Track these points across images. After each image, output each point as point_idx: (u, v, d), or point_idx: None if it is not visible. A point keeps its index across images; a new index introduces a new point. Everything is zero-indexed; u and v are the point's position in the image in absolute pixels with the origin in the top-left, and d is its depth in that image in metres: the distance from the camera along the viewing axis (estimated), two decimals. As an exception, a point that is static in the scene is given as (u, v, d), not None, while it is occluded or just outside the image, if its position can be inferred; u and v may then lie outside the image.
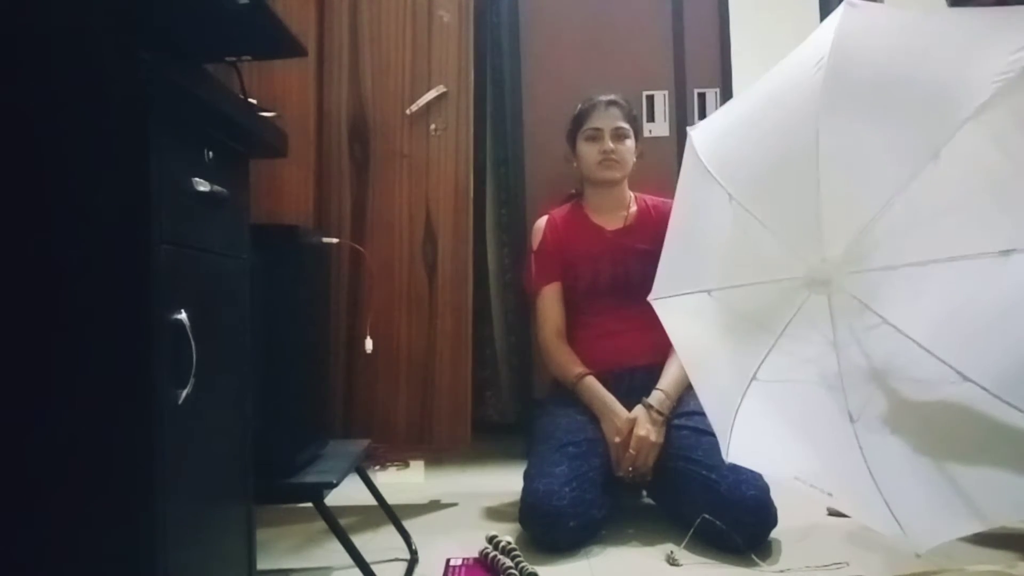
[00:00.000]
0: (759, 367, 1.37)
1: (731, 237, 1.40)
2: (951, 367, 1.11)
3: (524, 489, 1.76)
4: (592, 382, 1.92)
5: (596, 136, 2.04)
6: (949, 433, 1.20)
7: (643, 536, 1.77)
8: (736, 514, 1.61)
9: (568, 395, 1.96)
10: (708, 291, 1.44)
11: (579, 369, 1.95)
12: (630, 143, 2.06)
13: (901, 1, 1.46)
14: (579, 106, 2.11)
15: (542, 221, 2.14)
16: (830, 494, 1.40)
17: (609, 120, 2.04)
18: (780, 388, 1.38)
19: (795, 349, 1.31)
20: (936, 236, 1.13)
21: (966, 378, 1.10)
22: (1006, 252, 1.06)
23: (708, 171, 1.43)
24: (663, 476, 1.82)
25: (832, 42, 1.25)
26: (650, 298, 1.63)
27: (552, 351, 2.03)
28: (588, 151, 2.05)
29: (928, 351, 1.13)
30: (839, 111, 1.22)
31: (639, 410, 1.84)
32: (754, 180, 1.36)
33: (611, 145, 2.02)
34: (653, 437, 1.80)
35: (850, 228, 1.19)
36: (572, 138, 2.11)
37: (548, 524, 1.67)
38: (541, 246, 2.10)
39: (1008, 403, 1.09)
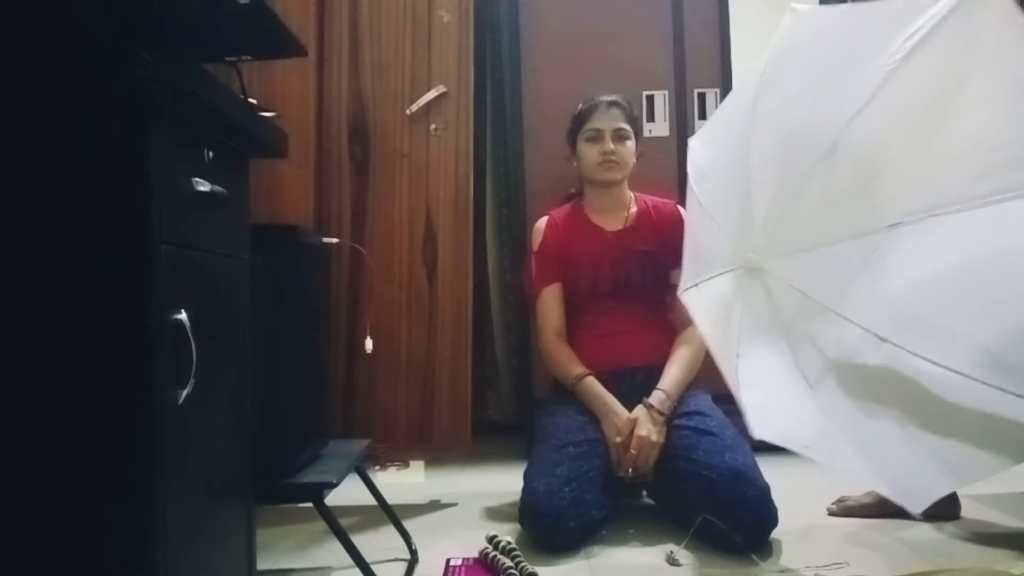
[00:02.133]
0: (739, 344, 1.46)
1: (704, 236, 1.56)
2: (867, 330, 1.26)
3: (524, 489, 1.76)
4: (592, 382, 1.92)
5: (597, 137, 2.03)
6: (894, 395, 1.32)
7: (643, 536, 1.77)
8: (736, 514, 1.61)
9: (568, 395, 1.96)
10: (696, 284, 1.54)
11: (579, 369, 1.95)
12: (631, 144, 2.05)
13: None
14: (579, 106, 2.10)
15: (542, 222, 2.13)
16: (834, 458, 1.43)
17: (610, 121, 2.03)
18: (757, 363, 1.46)
19: (755, 329, 1.44)
20: (838, 218, 1.31)
21: (883, 339, 1.25)
22: (893, 225, 1.24)
23: (690, 180, 1.58)
24: (663, 476, 1.82)
25: (768, 58, 1.44)
26: (679, 293, 1.66)
27: (552, 352, 2.03)
28: (588, 152, 2.04)
29: (846, 318, 1.29)
30: (768, 117, 1.40)
31: (640, 410, 1.84)
32: (712, 182, 1.53)
33: (612, 146, 2.01)
34: (654, 437, 1.80)
35: (771, 219, 1.36)
36: (572, 138, 2.10)
37: (548, 524, 1.67)
38: (541, 247, 2.10)
39: (924, 358, 1.23)
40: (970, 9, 1.21)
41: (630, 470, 1.81)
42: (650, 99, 2.68)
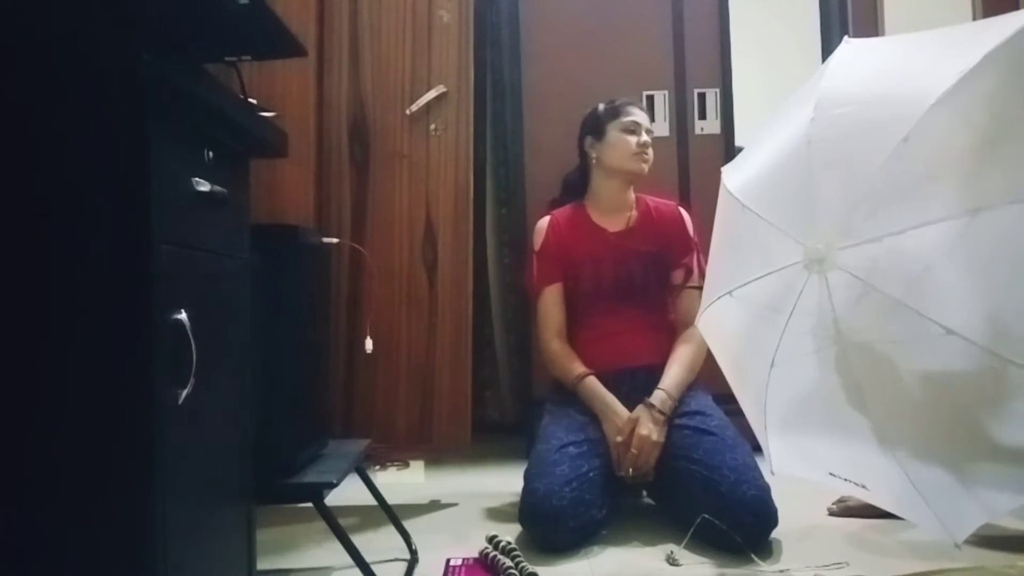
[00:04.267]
0: (775, 352, 1.42)
1: (744, 240, 1.51)
2: (934, 321, 1.20)
3: (524, 489, 1.76)
4: (593, 382, 1.92)
5: (635, 129, 2.04)
6: (954, 405, 1.26)
7: (643, 536, 1.77)
8: (736, 514, 1.61)
9: (569, 395, 1.96)
10: (729, 292, 1.51)
11: (580, 369, 1.95)
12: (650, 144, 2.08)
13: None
14: (613, 100, 2.10)
15: (544, 221, 2.13)
16: (864, 487, 1.41)
17: (645, 119, 2.07)
18: (795, 371, 1.42)
19: (803, 330, 1.38)
20: (911, 206, 1.25)
21: (949, 331, 1.19)
22: (973, 212, 1.18)
23: (728, 191, 1.55)
24: (664, 476, 1.82)
25: (828, 66, 1.45)
26: (696, 322, 1.65)
27: (553, 352, 2.03)
28: (624, 142, 2.03)
29: (912, 308, 1.22)
30: (829, 114, 1.37)
31: (640, 409, 1.84)
32: (758, 183, 1.49)
33: (648, 139, 2.04)
34: (655, 436, 1.80)
35: (838, 209, 1.31)
36: (600, 128, 2.07)
37: (548, 524, 1.67)
38: (543, 247, 2.09)
39: (991, 351, 1.17)
40: None
41: (631, 470, 1.81)
42: (650, 99, 2.68)
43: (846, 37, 1.51)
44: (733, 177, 1.58)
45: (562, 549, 1.67)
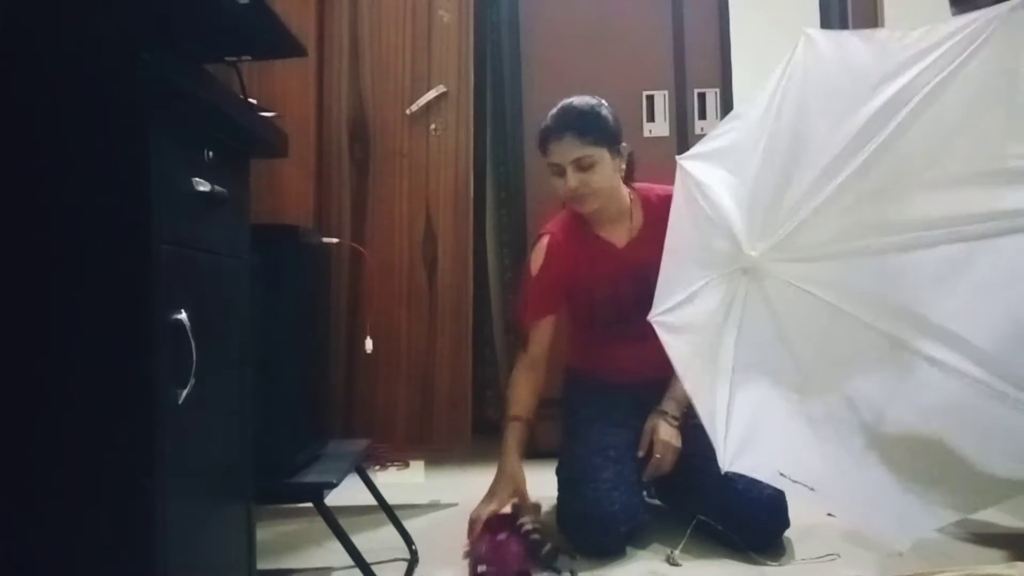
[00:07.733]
0: (733, 359, 1.44)
1: (696, 238, 1.54)
2: (877, 329, 1.27)
3: (568, 494, 1.73)
4: (514, 432, 1.80)
5: (558, 172, 1.80)
6: (899, 410, 1.31)
7: (643, 536, 1.77)
8: (754, 512, 1.61)
9: (586, 389, 1.93)
10: (678, 303, 1.53)
11: (516, 411, 1.82)
12: (601, 167, 1.77)
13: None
14: (542, 123, 1.85)
15: (543, 242, 1.90)
16: (812, 489, 1.41)
17: (567, 152, 1.76)
18: (752, 377, 1.44)
19: (753, 338, 1.43)
20: (859, 228, 1.32)
21: (895, 338, 1.26)
22: (917, 236, 1.26)
23: (685, 181, 1.57)
24: (680, 476, 1.80)
25: (791, 63, 1.47)
26: (649, 318, 1.60)
27: (516, 376, 1.88)
28: (556, 184, 1.84)
29: (857, 317, 1.29)
30: (783, 124, 1.42)
31: (654, 418, 1.81)
32: (710, 181, 1.53)
33: (574, 183, 1.77)
34: (674, 441, 1.78)
35: (777, 223, 1.38)
36: (542, 154, 1.87)
37: (600, 530, 1.65)
38: (542, 272, 1.88)
39: (937, 360, 1.23)
40: (1011, 28, 1.20)
41: (654, 474, 1.79)
42: (650, 99, 2.68)
43: (805, 31, 1.46)
44: (690, 163, 1.59)
45: (611, 554, 1.65)
